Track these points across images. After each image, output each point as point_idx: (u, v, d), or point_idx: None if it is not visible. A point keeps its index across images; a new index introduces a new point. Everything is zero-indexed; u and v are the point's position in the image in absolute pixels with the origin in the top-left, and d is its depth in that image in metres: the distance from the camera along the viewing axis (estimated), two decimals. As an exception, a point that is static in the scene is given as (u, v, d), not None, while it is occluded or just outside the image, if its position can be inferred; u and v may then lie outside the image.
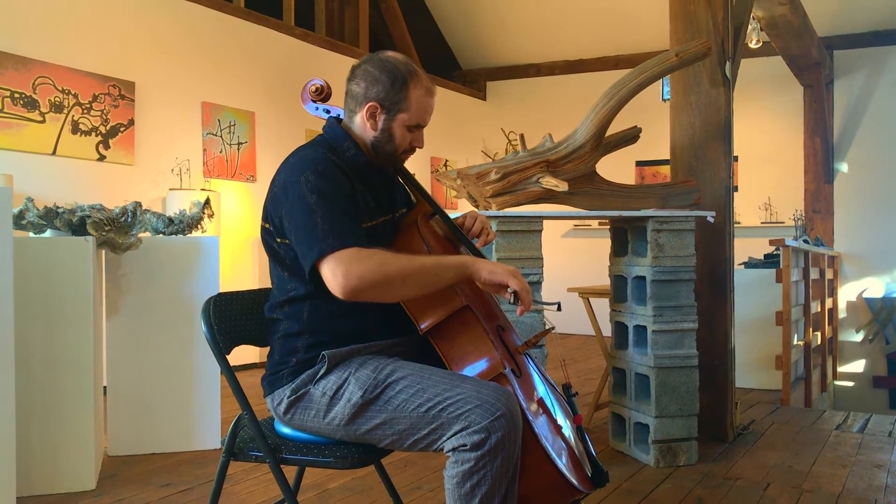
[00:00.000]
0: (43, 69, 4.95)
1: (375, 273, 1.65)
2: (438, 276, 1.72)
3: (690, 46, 3.52)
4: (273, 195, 1.80)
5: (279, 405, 1.81)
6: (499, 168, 3.35)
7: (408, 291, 1.72)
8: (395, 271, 1.67)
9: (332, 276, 1.65)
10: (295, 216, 1.73)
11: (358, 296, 1.65)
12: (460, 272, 1.73)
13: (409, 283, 1.69)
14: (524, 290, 1.74)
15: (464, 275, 1.74)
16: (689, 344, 3.40)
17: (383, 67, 1.86)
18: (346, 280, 1.64)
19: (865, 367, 7.92)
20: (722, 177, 3.88)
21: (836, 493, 3.08)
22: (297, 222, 1.72)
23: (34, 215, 3.13)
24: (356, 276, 1.64)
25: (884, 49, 7.91)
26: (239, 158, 6.35)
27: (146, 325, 3.57)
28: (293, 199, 1.74)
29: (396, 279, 1.67)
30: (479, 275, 1.74)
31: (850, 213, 8.04)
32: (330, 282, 1.66)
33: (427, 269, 1.71)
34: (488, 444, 1.60)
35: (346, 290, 1.64)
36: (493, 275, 1.74)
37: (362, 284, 1.64)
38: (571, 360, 6.76)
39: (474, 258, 1.77)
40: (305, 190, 1.73)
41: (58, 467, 3.05)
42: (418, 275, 1.70)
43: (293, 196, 1.74)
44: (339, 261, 1.65)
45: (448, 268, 1.73)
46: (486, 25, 9.37)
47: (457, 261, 1.75)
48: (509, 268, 1.76)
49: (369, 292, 1.66)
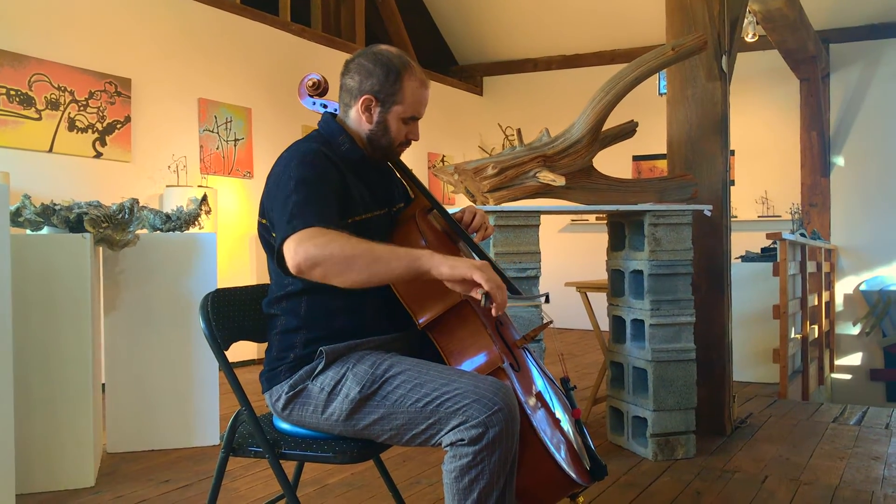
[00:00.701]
0: (39, 66, 4.93)
1: (321, 250, 1.59)
2: (388, 265, 1.61)
3: (687, 40, 3.52)
4: (268, 190, 1.81)
5: (277, 401, 1.82)
6: (496, 163, 3.35)
7: (352, 276, 1.60)
8: (340, 252, 1.59)
9: (288, 253, 1.62)
10: (274, 202, 1.74)
11: (305, 273, 1.60)
12: (413, 265, 1.61)
13: (354, 267, 1.60)
14: (494, 286, 1.60)
15: (417, 268, 1.61)
16: (686, 338, 3.41)
17: (377, 60, 1.86)
18: (296, 256, 1.60)
19: (862, 359, 7.94)
20: (719, 171, 3.88)
21: (833, 485, 3.09)
22: (275, 208, 1.72)
23: (31, 212, 3.12)
24: (303, 253, 1.59)
25: (880, 42, 7.91)
26: (236, 155, 6.35)
27: (144, 322, 3.57)
28: (276, 186, 1.75)
29: (342, 260, 1.59)
30: (439, 270, 1.61)
31: (846, 207, 8.06)
32: (288, 262, 1.62)
33: (376, 256, 1.61)
34: (486, 438, 1.61)
35: (294, 266, 1.60)
36: (454, 269, 1.60)
37: (307, 262, 1.59)
38: (569, 355, 6.77)
39: (432, 253, 1.63)
40: (287, 177, 1.73)
41: (57, 464, 3.05)
42: (365, 260, 1.60)
43: (277, 184, 1.76)
44: (295, 239, 1.61)
45: (400, 258, 1.62)
46: (482, 21, 9.36)
47: (412, 253, 1.64)
48: (476, 262, 1.63)
49: (314, 271, 1.60)
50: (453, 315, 1.79)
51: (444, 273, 1.61)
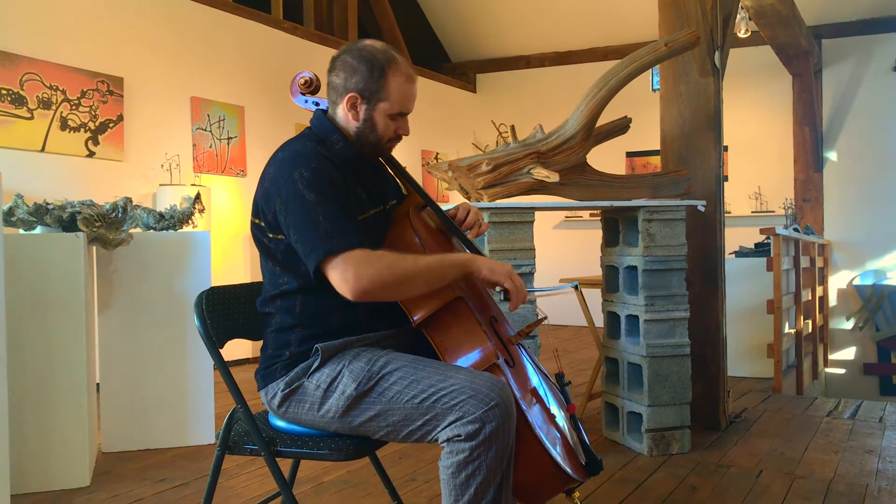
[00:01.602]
0: (30, 65, 4.91)
1: (386, 275, 1.67)
2: (443, 274, 1.75)
3: (679, 36, 3.53)
4: (264, 190, 1.79)
5: (273, 398, 1.82)
6: (490, 160, 3.35)
7: (415, 290, 1.75)
8: (404, 272, 1.70)
9: (342, 278, 1.66)
10: (294, 214, 1.71)
11: (368, 296, 1.68)
12: (463, 270, 1.78)
13: (417, 283, 1.73)
14: (516, 291, 1.79)
15: (466, 273, 1.78)
16: (680, 333, 3.42)
17: (361, 57, 1.84)
18: (358, 282, 1.65)
19: (856, 354, 7.97)
20: (712, 166, 3.89)
21: (828, 478, 3.10)
22: (296, 221, 1.71)
23: (24, 212, 3.11)
24: (367, 279, 1.66)
25: (872, 37, 7.93)
26: (229, 153, 6.33)
27: (138, 321, 3.57)
28: (289, 196, 1.72)
29: (406, 280, 1.70)
30: (480, 273, 1.78)
31: (839, 202, 8.08)
32: (339, 284, 1.67)
33: (433, 268, 1.74)
34: (482, 434, 1.61)
35: (357, 291, 1.66)
36: (493, 274, 1.78)
37: (373, 286, 1.66)
38: (564, 351, 6.77)
39: (475, 256, 1.81)
40: (301, 187, 1.71)
41: (52, 464, 3.05)
42: (425, 274, 1.73)
43: (288, 193, 1.72)
44: (349, 263, 1.66)
45: (452, 266, 1.77)
46: (475, 18, 9.35)
47: (460, 259, 1.79)
48: (507, 267, 1.80)
49: (380, 293, 1.69)
50: (448, 312, 1.80)
51: (484, 276, 1.80)
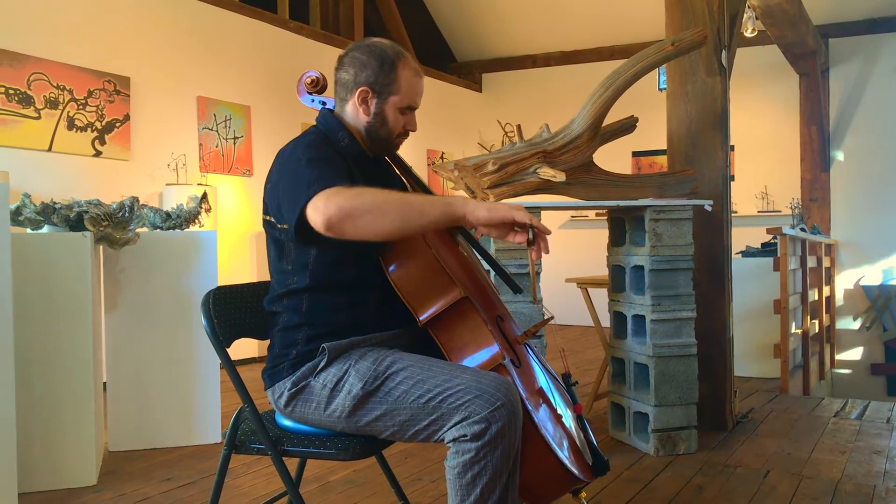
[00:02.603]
0: (38, 65, 4.93)
1: (352, 201, 1.57)
2: (421, 210, 1.60)
3: (686, 35, 3.52)
4: (273, 181, 1.79)
5: (280, 398, 1.82)
6: (496, 159, 3.35)
7: (387, 224, 1.58)
8: (371, 201, 1.58)
9: (314, 210, 1.58)
10: (285, 183, 1.72)
11: (337, 226, 1.57)
12: (448, 210, 1.61)
13: (387, 214, 1.57)
14: (537, 224, 1.64)
15: (452, 213, 1.61)
16: (687, 333, 3.41)
17: (371, 52, 1.86)
18: (326, 209, 1.56)
19: (863, 354, 7.94)
20: (719, 165, 3.88)
21: (835, 479, 3.09)
22: (285, 183, 1.71)
23: (31, 211, 3.12)
24: (335, 206, 1.56)
25: (879, 37, 7.90)
26: (235, 153, 6.34)
27: (145, 320, 3.57)
28: (285, 171, 1.74)
29: (373, 208, 1.57)
30: (476, 214, 1.60)
31: (846, 202, 8.05)
32: (313, 219, 1.58)
33: (409, 202, 1.61)
34: (489, 434, 1.61)
35: (325, 220, 1.56)
36: (493, 211, 1.61)
37: (340, 212, 1.55)
38: (570, 351, 6.77)
39: (467, 198, 1.64)
40: (296, 160, 1.73)
41: (59, 463, 3.06)
42: (398, 206, 1.59)
43: (285, 170, 1.74)
44: (321, 196, 1.58)
45: (434, 203, 1.61)
46: (480, 17, 9.35)
47: (445, 198, 1.64)
48: (514, 204, 1.64)
49: (348, 222, 1.56)
50: (454, 311, 1.79)
51: (482, 216, 1.60)
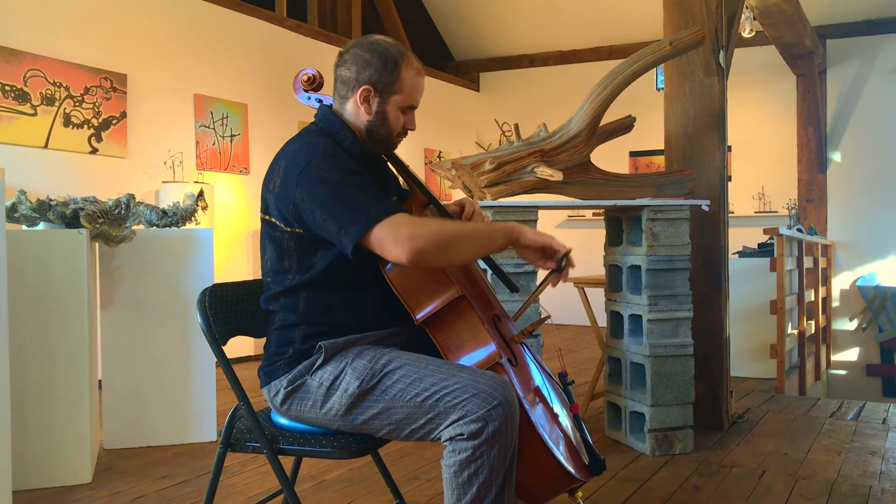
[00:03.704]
0: (34, 62, 4.91)
1: (438, 234, 1.67)
2: (491, 237, 1.76)
3: (684, 35, 3.52)
4: (282, 183, 1.74)
5: (276, 396, 1.81)
6: (494, 158, 3.35)
7: (465, 252, 1.76)
8: (453, 234, 1.71)
9: (394, 241, 1.63)
10: (320, 198, 1.69)
11: (423, 257, 1.64)
12: (509, 235, 1.77)
13: (468, 245, 1.73)
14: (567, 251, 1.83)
15: (512, 238, 1.78)
16: (684, 333, 3.41)
17: (374, 50, 1.84)
18: (413, 242, 1.63)
19: (859, 355, 7.95)
20: (716, 166, 3.88)
21: (831, 479, 3.09)
22: (324, 203, 1.68)
23: (27, 208, 3.11)
24: (423, 238, 1.64)
25: (876, 38, 7.91)
26: (232, 150, 6.33)
27: (141, 318, 3.56)
28: (310, 183, 1.70)
29: (457, 241, 1.70)
30: (526, 237, 1.78)
31: (843, 202, 8.06)
32: (391, 248, 1.64)
33: (481, 232, 1.77)
34: (485, 433, 1.60)
35: (413, 252, 1.63)
36: (538, 236, 1.79)
37: (428, 245, 1.64)
38: (567, 350, 6.77)
39: (517, 224, 1.81)
40: (322, 171, 1.70)
41: (54, 461, 3.05)
42: (474, 236, 1.75)
43: (308, 180, 1.70)
44: (399, 225, 1.65)
45: (498, 231, 1.77)
46: (478, 16, 9.34)
47: (506, 225, 1.79)
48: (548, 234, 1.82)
49: (434, 254, 1.66)
50: (451, 310, 1.79)
51: (529, 239, 1.79)
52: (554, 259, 1.81)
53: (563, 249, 1.81)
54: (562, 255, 1.81)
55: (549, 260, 1.82)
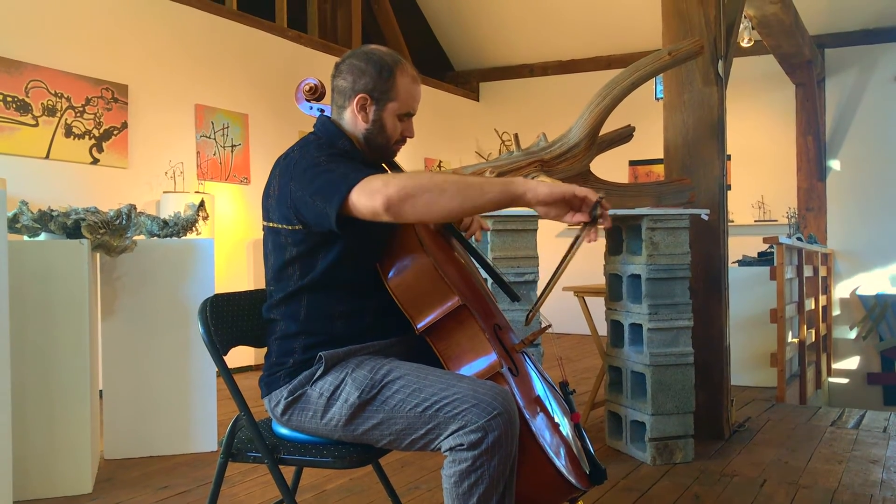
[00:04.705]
0: (35, 73, 4.93)
1: (414, 182, 1.57)
2: (482, 189, 1.58)
3: (683, 45, 3.53)
4: (279, 185, 1.77)
5: (277, 406, 1.81)
6: (493, 168, 3.36)
7: (448, 202, 1.57)
8: (433, 181, 1.58)
9: (370, 193, 1.57)
10: (308, 181, 1.69)
11: (399, 206, 1.56)
12: (507, 189, 1.58)
13: (448, 192, 1.57)
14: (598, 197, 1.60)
15: (512, 192, 1.58)
16: (684, 342, 3.41)
17: (369, 59, 1.86)
18: (386, 189, 1.56)
19: (859, 363, 7.95)
20: (716, 174, 3.89)
21: (832, 488, 3.09)
22: (311, 184, 1.68)
23: (28, 219, 3.12)
24: (395, 185, 1.56)
25: (875, 47, 7.94)
26: (233, 161, 6.35)
27: (142, 328, 3.57)
28: (300, 171, 1.72)
29: (434, 187, 1.57)
30: (537, 192, 1.58)
31: (843, 211, 8.07)
32: (365, 203, 1.58)
33: (467, 182, 1.60)
34: (485, 443, 1.60)
35: (386, 201, 1.55)
36: (555, 187, 1.58)
37: (401, 192, 1.55)
38: (567, 359, 6.76)
39: (525, 178, 1.63)
40: (312, 159, 1.72)
41: (54, 471, 3.05)
42: (458, 185, 1.58)
43: (299, 169, 1.72)
44: (372, 180, 1.59)
45: (493, 183, 1.60)
46: (478, 26, 9.38)
47: (505, 178, 1.62)
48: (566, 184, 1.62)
49: (409, 202, 1.56)
50: (451, 319, 1.79)
51: (543, 193, 1.58)
52: (584, 210, 1.61)
53: (592, 195, 1.59)
54: (594, 203, 1.59)
55: (577, 213, 1.61)
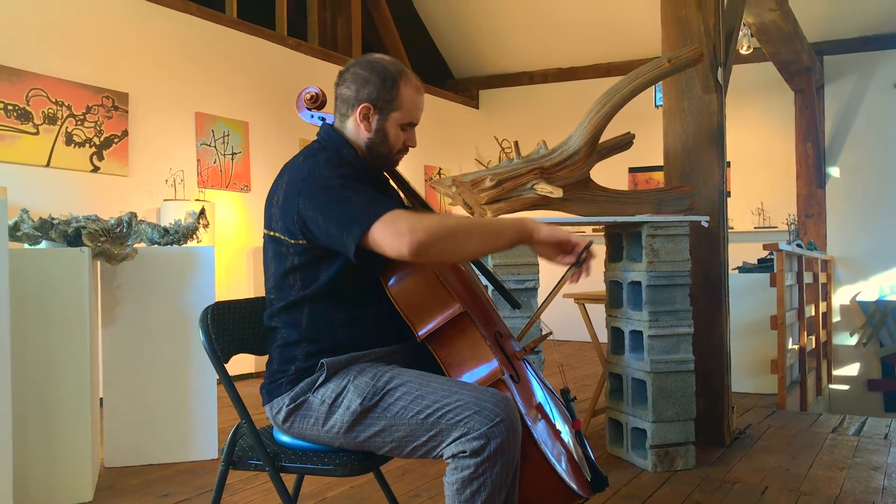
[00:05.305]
0: (36, 81, 4.94)
1: (440, 226, 1.62)
2: (500, 232, 1.71)
3: (682, 52, 3.54)
4: (285, 196, 1.76)
5: (278, 413, 1.81)
6: (493, 175, 3.36)
7: (472, 246, 1.70)
8: (457, 224, 1.65)
9: (396, 234, 1.59)
10: (322, 203, 1.69)
11: (425, 250, 1.59)
12: (521, 230, 1.72)
13: (473, 237, 1.68)
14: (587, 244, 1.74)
15: (524, 233, 1.72)
16: (685, 348, 3.41)
17: (373, 68, 1.87)
18: (413, 234, 1.58)
19: (860, 370, 7.94)
20: (716, 181, 3.89)
21: (833, 495, 3.09)
22: (326, 207, 1.68)
23: (29, 227, 3.12)
24: (423, 230, 1.59)
25: (873, 54, 7.96)
26: (233, 168, 6.35)
27: (142, 336, 3.57)
28: (311, 190, 1.71)
29: (461, 232, 1.65)
30: (540, 233, 1.72)
31: (842, 217, 8.08)
32: (392, 242, 1.60)
33: (488, 225, 1.73)
34: (488, 450, 1.61)
35: (414, 244, 1.58)
36: (554, 231, 1.72)
37: (430, 237, 1.59)
38: (568, 366, 6.76)
39: (531, 218, 1.77)
40: (324, 179, 1.72)
41: (54, 479, 3.04)
42: (480, 230, 1.70)
43: (310, 188, 1.71)
44: (397, 219, 1.61)
45: (508, 225, 1.72)
46: (478, 34, 9.40)
47: (516, 220, 1.74)
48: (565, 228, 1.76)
49: (437, 246, 1.61)
50: (453, 327, 1.79)
51: (544, 235, 1.72)
52: (573, 253, 1.75)
53: (583, 243, 1.74)
54: (582, 249, 1.75)
55: (567, 255, 1.76)
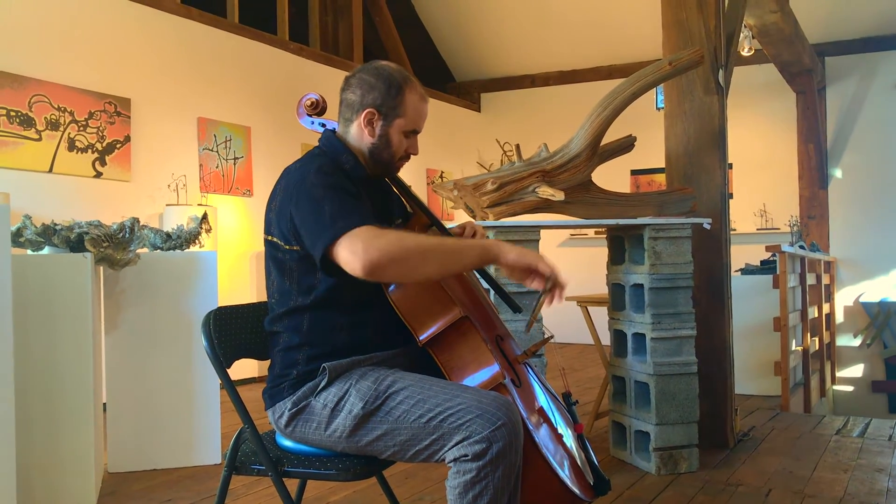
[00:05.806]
0: (39, 87, 4.96)
1: (395, 246, 1.60)
2: (461, 254, 1.69)
3: (683, 55, 3.54)
4: (280, 202, 1.79)
5: (280, 418, 1.82)
6: (495, 178, 3.36)
7: (429, 269, 1.66)
8: (415, 246, 1.63)
9: (351, 253, 1.60)
10: (303, 209, 1.72)
11: (379, 271, 1.60)
12: (484, 254, 1.70)
13: (430, 260, 1.64)
14: (554, 275, 1.71)
15: (488, 257, 1.70)
16: (688, 351, 3.41)
17: (378, 74, 1.88)
18: (366, 254, 1.58)
19: (864, 371, 7.92)
20: (717, 183, 3.89)
21: (837, 497, 3.08)
22: (304, 213, 1.71)
23: (32, 233, 3.13)
24: (376, 249, 1.59)
25: (874, 55, 7.95)
26: (235, 173, 6.36)
27: (145, 341, 3.57)
28: (299, 194, 1.74)
29: (416, 254, 1.63)
30: (507, 257, 1.70)
31: (845, 218, 8.07)
32: (348, 260, 1.61)
33: (448, 247, 1.69)
34: (490, 453, 1.60)
35: (367, 264, 1.58)
36: (523, 256, 1.70)
37: (383, 258, 1.59)
38: (571, 369, 6.75)
39: (498, 241, 1.74)
40: (310, 187, 1.73)
41: (58, 484, 3.04)
42: (439, 252, 1.67)
43: (299, 193, 1.74)
44: (356, 237, 1.61)
45: (471, 247, 1.70)
46: (479, 37, 9.41)
47: (480, 242, 1.72)
48: (536, 252, 1.73)
49: (391, 268, 1.61)
50: (454, 331, 1.79)
51: (511, 259, 1.70)
52: (542, 280, 1.73)
53: (547, 272, 1.71)
54: (546, 279, 1.71)
55: (536, 279, 1.73)
